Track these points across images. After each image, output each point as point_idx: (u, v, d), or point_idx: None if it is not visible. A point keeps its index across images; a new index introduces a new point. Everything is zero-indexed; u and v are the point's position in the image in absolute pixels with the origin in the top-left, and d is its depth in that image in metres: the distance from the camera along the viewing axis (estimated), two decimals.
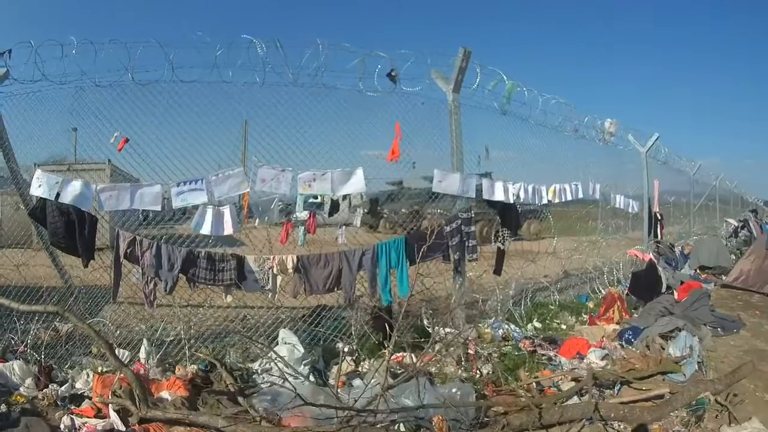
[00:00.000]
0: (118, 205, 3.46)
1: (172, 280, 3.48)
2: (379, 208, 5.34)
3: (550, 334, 5.18)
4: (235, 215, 3.63)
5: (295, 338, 3.62)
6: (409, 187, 5.16)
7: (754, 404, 4.06)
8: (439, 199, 5.09)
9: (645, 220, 8.49)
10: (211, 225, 3.57)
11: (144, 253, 3.45)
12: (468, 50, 4.60)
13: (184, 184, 3.54)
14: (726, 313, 6.51)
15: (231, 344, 4.01)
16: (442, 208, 5.30)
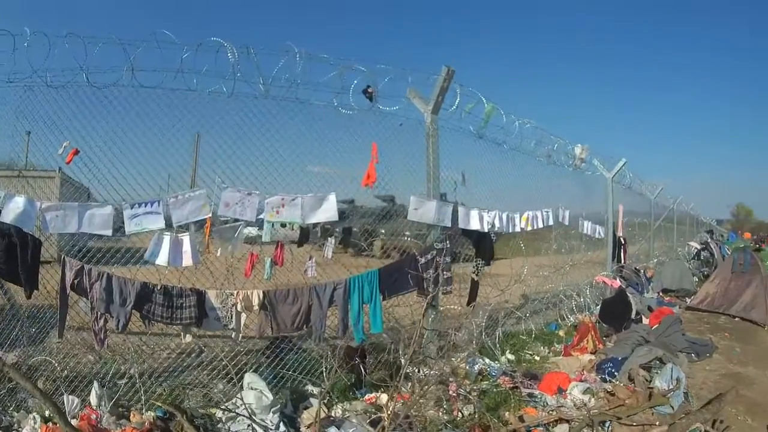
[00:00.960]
0: (64, 227, 3.21)
1: (124, 316, 3.25)
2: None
3: (525, 366, 5.32)
4: (195, 244, 3.46)
5: (262, 383, 3.46)
6: (361, 206, 5.21)
7: (739, 428, 4.35)
8: (391, 219, 5.16)
9: (609, 245, 8.98)
10: (168, 255, 3.37)
11: (93, 285, 3.20)
12: (451, 69, 4.61)
13: (139, 206, 3.34)
14: (697, 337, 7.01)
15: (190, 384, 3.81)
16: (394, 229, 5.40)
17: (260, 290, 3.72)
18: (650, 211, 12.94)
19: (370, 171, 4.46)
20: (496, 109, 5.19)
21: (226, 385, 3.68)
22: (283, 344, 4.33)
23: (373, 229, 5.49)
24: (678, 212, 16.92)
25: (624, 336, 6.33)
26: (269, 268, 3.85)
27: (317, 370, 4.09)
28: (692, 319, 8.78)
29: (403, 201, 5.03)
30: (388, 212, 5.28)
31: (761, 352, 6.88)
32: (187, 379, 3.88)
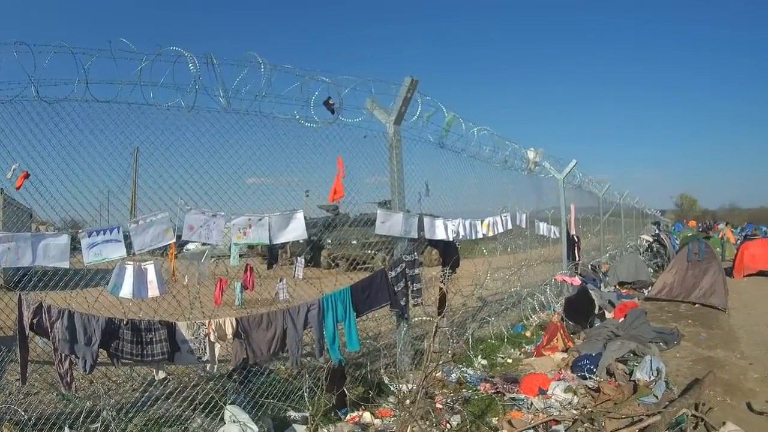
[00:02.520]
0: (17, 260, 3.12)
1: (91, 356, 3.22)
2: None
3: (499, 370, 5.77)
4: (160, 273, 3.50)
5: (245, 415, 3.55)
6: (306, 217, 5.55)
7: (722, 409, 4.89)
8: (336, 229, 5.48)
9: (563, 244, 9.84)
10: (132, 287, 3.40)
11: (54, 325, 3.13)
12: (415, 80, 4.92)
13: (97, 234, 3.32)
14: (662, 326, 7.89)
15: (164, 419, 3.84)
16: (339, 238, 5.73)
17: (233, 318, 3.80)
18: (599, 207, 14.21)
19: (337, 186, 4.70)
20: (456, 118, 5.65)
21: (204, 420, 3.74)
22: (251, 367, 4.44)
23: (319, 240, 5.76)
24: (624, 206, 18.70)
25: (593, 332, 7.00)
26: (239, 294, 4.00)
27: (294, 393, 4.26)
28: (653, 309, 9.80)
29: (355, 212, 5.40)
30: (333, 222, 5.58)
31: (726, 335, 7.86)
32: (158, 412, 3.91)
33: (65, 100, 3.39)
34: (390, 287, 4.86)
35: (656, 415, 4.33)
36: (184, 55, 3.69)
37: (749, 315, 9.39)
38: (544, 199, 9.69)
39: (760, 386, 5.51)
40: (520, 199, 8.17)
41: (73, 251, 3.24)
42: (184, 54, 3.68)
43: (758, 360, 6.48)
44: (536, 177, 8.99)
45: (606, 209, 15.03)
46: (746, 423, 4.50)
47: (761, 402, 4.99)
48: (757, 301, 10.79)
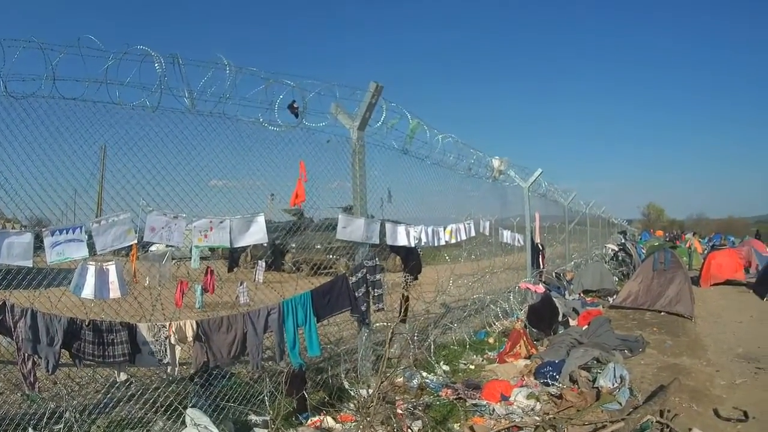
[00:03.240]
0: None
1: (54, 357, 3.33)
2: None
3: (461, 376, 6.08)
4: (121, 274, 3.65)
5: (206, 418, 3.73)
6: (270, 221, 5.80)
7: (687, 415, 5.13)
8: (299, 233, 5.74)
9: (528, 251, 10.34)
10: (93, 287, 3.53)
11: (17, 324, 3.24)
12: (380, 85, 5.22)
13: (60, 233, 3.43)
14: (626, 334, 8.31)
15: (126, 421, 3.98)
16: (303, 242, 6.01)
17: (193, 321, 3.99)
18: (564, 216, 14.93)
19: (299, 190, 4.91)
20: (420, 124, 6.01)
21: (166, 423, 3.90)
22: (213, 370, 4.60)
23: (283, 244, 6.01)
24: (590, 216, 19.62)
25: (557, 339, 7.39)
26: (200, 296, 4.21)
27: (256, 398, 4.46)
28: (618, 317, 10.36)
29: (319, 216, 5.67)
30: (297, 226, 5.84)
31: (692, 343, 8.33)
32: (121, 413, 4.06)
33: (32, 96, 3.49)
34: (351, 292, 5.11)
35: (620, 421, 4.60)
36: (151, 55, 3.85)
37: (716, 323, 9.97)
38: (509, 207, 10.21)
39: (726, 393, 5.83)
40: (485, 207, 8.63)
41: (37, 250, 3.37)
42: (150, 53, 3.84)
43: (725, 367, 6.85)
44: (501, 185, 9.49)
45: (572, 218, 15.79)
46: (713, 429, 4.79)
47: (728, 408, 5.27)
48: (724, 310, 11.44)
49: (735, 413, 5.14)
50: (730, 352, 7.66)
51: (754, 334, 8.95)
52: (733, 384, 6.15)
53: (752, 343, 8.25)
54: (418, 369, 5.93)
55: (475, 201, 8.44)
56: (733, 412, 5.19)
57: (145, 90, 3.86)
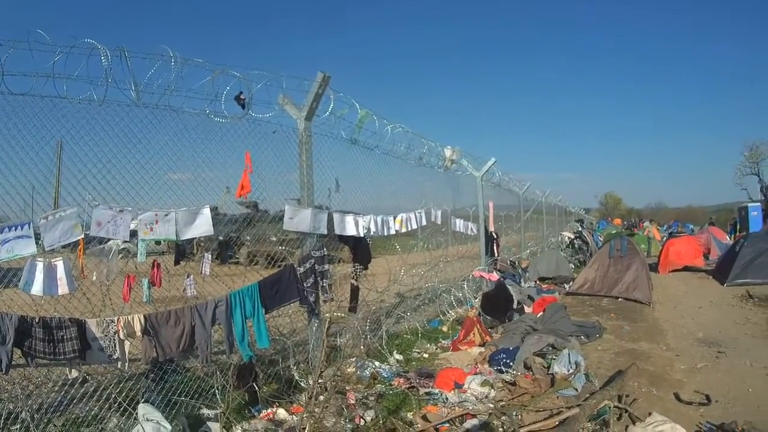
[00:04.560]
0: None
1: (6, 356, 3.54)
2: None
3: (415, 365, 6.59)
4: (69, 270, 3.92)
5: (158, 413, 4.04)
6: (225, 214, 6.13)
7: (646, 399, 5.45)
8: (254, 225, 6.19)
9: (482, 240, 11.11)
10: (42, 284, 3.77)
11: None
12: (327, 76, 5.60)
13: (9, 230, 3.64)
14: (583, 320, 8.97)
15: (81, 419, 4.26)
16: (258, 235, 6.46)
17: (141, 315, 4.30)
18: (519, 205, 15.92)
19: (244, 181, 5.26)
20: (369, 114, 6.51)
21: (120, 419, 4.20)
22: (167, 366, 4.97)
23: (238, 237, 6.41)
24: (546, 204, 20.83)
25: (511, 326, 7.97)
26: (147, 290, 4.58)
27: (208, 392, 4.81)
28: (574, 303, 11.18)
29: (274, 208, 6.08)
30: (252, 218, 6.26)
31: (650, 328, 8.96)
32: (76, 411, 4.35)
33: None
34: (299, 283, 5.52)
35: (575, 407, 4.91)
36: (98, 48, 4.13)
37: (674, 309, 10.75)
38: (462, 196, 10.94)
39: (687, 377, 6.28)
40: (437, 196, 9.25)
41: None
42: (97, 47, 4.12)
43: (685, 351, 7.40)
44: (454, 175, 10.17)
45: (527, 207, 16.81)
46: (674, 413, 5.07)
47: (689, 392, 5.66)
48: (683, 295, 12.36)
49: (697, 397, 5.54)
50: (690, 337, 8.25)
51: (714, 319, 9.66)
52: (694, 368, 6.62)
53: (713, 327, 8.90)
54: (371, 359, 6.41)
55: (427, 190, 9.03)
56: (694, 395, 5.59)
57: (92, 84, 4.14)
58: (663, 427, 4.66)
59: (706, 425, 4.88)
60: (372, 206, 7.18)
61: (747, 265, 13.24)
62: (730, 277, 13.37)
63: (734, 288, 12.82)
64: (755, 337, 8.26)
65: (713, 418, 4.99)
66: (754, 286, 12.41)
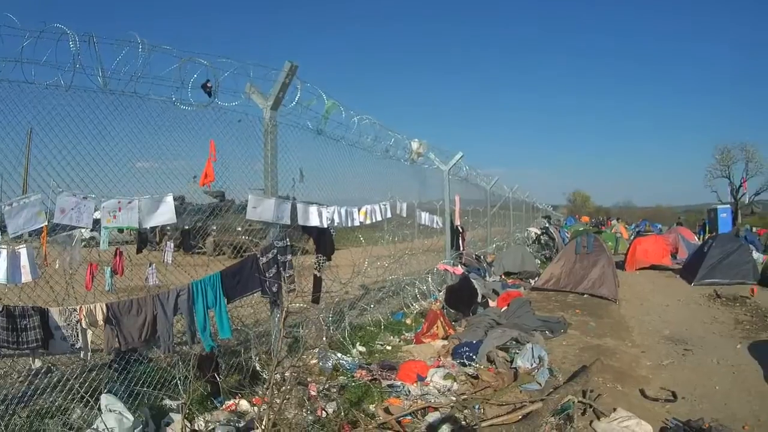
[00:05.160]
0: None
1: None
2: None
3: (378, 357, 6.87)
4: (32, 257, 4.04)
5: (120, 404, 4.19)
6: (191, 203, 6.30)
7: (611, 395, 5.66)
8: (221, 215, 6.39)
9: (447, 234, 11.49)
10: (6, 271, 3.89)
11: None
12: (294, 65, 5.78)
13: None
14: (548, 315, 9.34)
15: (46, 411, 4.40)
16: (225, 225, 6.67)
17: (103, 304, 4.46)
18: (486, 200, 16.44)
19: (208, 170, 5.40)
20: (336, 105, 6.76)
21: (84, 410, 4.35)
22: (131, 356, 5.12)
23: (204, 227, 6.60)
24: (514, 200, 21.49)
25: (475, 320, 8.33)
26: (109, 278, 4.76)
27: (171, 382, 4.99)
28: (540, 298, 11.70)
29: (236, 197, 6.27)
30: (219, 208, 6.43)
31: (616, 325, 9.36)
32: (42, 402, 4.47)
33: None
34: (261, 273, 5.69)
35: (539, 402, 5.14)
36: (67, 33, 4.27)
37: (641, 306, 11.28)
38: (429, 190, 11.32)
39: (653, 374, 6.57)
40: (404, 189, 9.58)
41: None
42: (66, 32, 4.26)
43: (651, 348, 7.77)
44: (420, 168, 10.55)
45: (494, 202, 17.36)
46: (640, 409, 5.29)
47: (655, 389, 5.91)
48: (650, 293, 12.99)
49: (663, 393, 5.77)
50: (657, 334, 8.66)
51: (681, 317, 10.17)
52: (660, 365, 6.96)
53: (680, 325, 9.37)
54: (334, 350, 6.67)
55: (393, 183, 9.36)
56: (661, 392, 5.82)
57: (60, 69, 4.29)
58: (628, 422, 4.86)
59: (672, 422, 5.08)
60: (337, 197, 7.42)
61: (715, 266, 14.01)
62: (697, 277, 14.12)
63: (702, 287, 13.51)
64: (722, 336, 8.67)
65: (679, 415, 5.21)
66: (722, 286, 13.08)
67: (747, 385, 6.24)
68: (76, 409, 4.45)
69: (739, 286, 13.13)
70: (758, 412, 5.44)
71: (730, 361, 7.20)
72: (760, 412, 5.46)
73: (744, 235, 23.46)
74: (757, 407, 5.58)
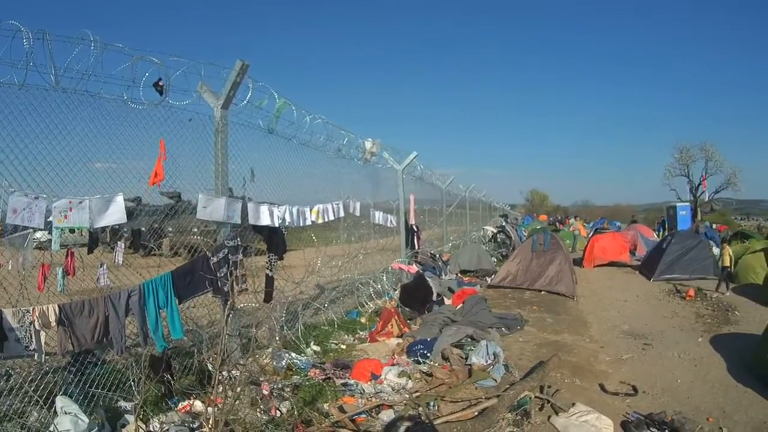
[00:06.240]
0: None
1: None
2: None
3: (333, 356, 7.22)
4: None
5: (75, 406, 4.45)
6: (148, 204, 6.55)
7: (569, 390, 5.90)
8: (178, 216, 6.67)
9: (402, 233, 12.05)
10: None
11: None
12: (245, 64, 6.11)
13: None
14: (505, 312, 9.88)
15: (4, 415, 4.61)
16: (181, 226, 6.95)
17: (55, 305, 4.66)
18: (442, 200, 17.12)
19: (158, 169, 5.67)
20: (287, 104, 7.15)
21: (40, 412, 4.58)
22: (87, 359, 5.34)
23: (160, 228, 6.86)
24: (470, 199, 22.33)
25: (429, 318, 8.78)
26: (61, 279, 5.01)
27: (126, 384, 5.24)
28: (496, 296, 12.29)
29: (191, 198, 6.58)
30: (175, 209, 6.55)
31: (573, 321, 9.89)
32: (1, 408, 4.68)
33: None
34: (212, 273, 5.96)
35: (494, 398, 5.37)
36: (21, 30, 4.50)
37: (599, 302, 11.96)
38: (384, 189, 11.83)
39: (612, 368, 6.97)
40: (358, 189, 10.07)
41: None
42: (21, 29, 4.49)
43: (610, 344, 8.23)
44: (374, 167, 11.08)
45: (450, 202, 18.09)
46: (600, 403, 5.54)
47: (615, 383, 6.22)
48: (608, 290, 13.72)
49: (623, 388, 6.07)
50: (616, 330, 9.17)
51: (640, 313, 10.81)
52: (620, 359, 7.39)
53: (639, 320, 9.95)
54: (288, 350, 7.01)
55: (346, 182, 9.85)
56: (621, 386, 6.11)
57: (13, 67, 4.53)
58: (587, 417, 5.09)
59: (633, 415, 5.39)
60: (290, 197, 7.79)
61: (674, 261, 14.95)
62: (656, 273, 15.08)
63: (661, 283, 14.38)
64: (683, 330, 9.26)
65: (641, 409, 5.54)
66: (681, 282, 13.97)
67: (710, 378, 6.67)
68: (33, 411, 4.66)
69: (699, 281, 13.93)
70: (723, 404, 5.84)
71: (692, 354, 7.66)
72: (724, 404, 5.85)
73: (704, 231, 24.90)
74: (722, 399, 5.98)
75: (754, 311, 10.95)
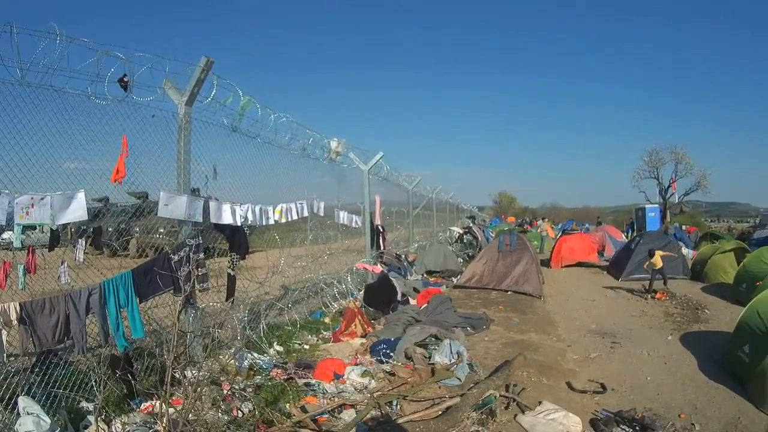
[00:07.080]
0: None
1: None
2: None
3: (296, 356, 7.43)
4: None
5: (37, 406, 4.58)
6: (115, 204, 6.68)
7: (536, 389, 6.06)
8: (143, 216, 6.83)
9: (367, 233, 12.38)
10: None
11: None
12: (210, 60, 6.28)
13: None
14: (470, 312, 10.17)
15: None
16: (148, 226, 7.12)
17: (16, 303, 4.73)
18: (409, 201, 17.57)
19: (120, 166, 5.82)
20: (252, 102, 7.35)
21: (3, 413, 4.70)
22: (50, 359, 5.47)
23: (127, 228, 7.00)
24: (437, 201, 22.84)
25: (393, 317, 9.09)
26: (23, 277, 5.17)
27: (88, 385, 5.38)
28: (462, 296, 12.65)
29: (158, 197, 6.76)
30: (142, 209, 6.70)
31: (540, 320, 10.21)
32: None
33: None
34: (173, 272, 6.13)
35: (457, 396, 5.56)
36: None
37: (566, 302, 12.35)
38: (350, 189, 12.18)
39: (580, 367, 7.20)
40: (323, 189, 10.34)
41: None
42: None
43: (576, 342, 8.50)
44: (340, 167, 11.43)
45: (417, 203, 18.55)
46: (567, 401, 5.72)
47: (583, 381, 6.43)
48: (575, 289, 14.20)
49: (591, 386, 6.26)
50: (583, 328, 9.49)
51: (608, 312, 11.21)
52: (588, 358, 7.64)
53: (607, 319, 10.33)
54: (251, 350, 7.22)
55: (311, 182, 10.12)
56: (589, 384, 6.31)
57: None
58: (554, 415, 5.25)
59: (602, 413, 5.58)
60: (254, 196, 8.02)
61: (642, 261, 15.23)
62: (625, 273, 15.78)
63: (629, 283, 14.97)
64: (652, 329, 9.63)
65: (610, 406, 5.73)
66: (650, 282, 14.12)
67: (680, 375, 6.97)
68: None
69: (669, 280, 14.31)
70: (694, 401, 6.11)
71: (662, 352, 7.99)
72: (696, 400, 6.12)
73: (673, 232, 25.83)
74: (693, 396, 6.25)
75: (724, 309, 11.39)
